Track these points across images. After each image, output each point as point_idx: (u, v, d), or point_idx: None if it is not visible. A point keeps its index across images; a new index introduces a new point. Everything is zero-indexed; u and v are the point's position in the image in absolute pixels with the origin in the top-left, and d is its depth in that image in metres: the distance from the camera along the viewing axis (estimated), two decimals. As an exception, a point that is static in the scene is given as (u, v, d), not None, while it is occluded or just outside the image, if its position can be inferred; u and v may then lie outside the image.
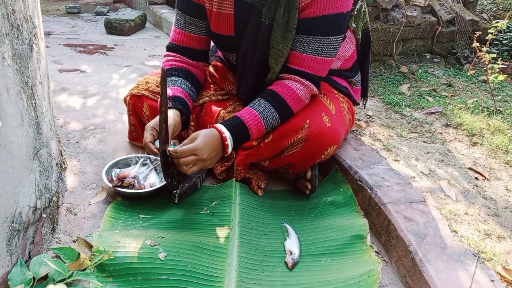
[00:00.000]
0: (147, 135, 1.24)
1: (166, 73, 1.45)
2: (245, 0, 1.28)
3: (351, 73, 1.61)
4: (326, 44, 1.29)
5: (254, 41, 1.35)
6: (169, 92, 1.36)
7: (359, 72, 1.67)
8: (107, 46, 3.34)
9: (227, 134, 1.24)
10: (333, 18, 1.26)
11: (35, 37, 1.11)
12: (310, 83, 1.33)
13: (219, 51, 1.66)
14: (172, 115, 1.29)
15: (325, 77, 1.41)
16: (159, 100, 1.31)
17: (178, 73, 1.44)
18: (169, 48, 1.50)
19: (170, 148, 1.19)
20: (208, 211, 1.35)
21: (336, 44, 1.32)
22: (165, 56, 1.51)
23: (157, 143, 1.25)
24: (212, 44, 1.60)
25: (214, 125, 1.26)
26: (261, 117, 1.29)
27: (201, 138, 1.20)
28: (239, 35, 1.39)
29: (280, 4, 1.26)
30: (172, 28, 1.49)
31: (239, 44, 1.41)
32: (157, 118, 1.28)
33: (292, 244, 1.24)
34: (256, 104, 1.31)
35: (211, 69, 1.62)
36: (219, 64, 1.64)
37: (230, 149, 1.26)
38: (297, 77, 1.33)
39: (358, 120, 2.07)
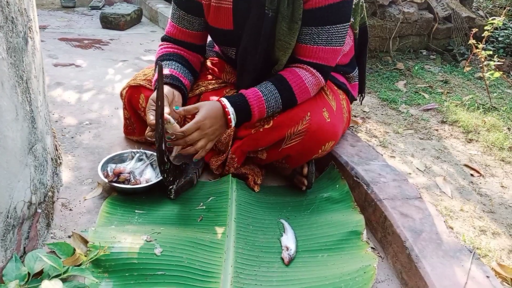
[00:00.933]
0: (150, 116, 1.22)
1: (158, 59, 1.45)
2: None
3: (349, 68, 1.61)
4: (334, 33, 1.30)
5: (256, 34, 1.34)
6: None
7: (357, 68, 1.67)
8: (102, 40, 3.32)
9: (230, 109, 1.26)
10: (338, 6, 1.27)
11: (30, 31, 1.10)
12: (319, 74, 1.35)
13: (216, 46, 1.65)
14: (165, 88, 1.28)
15: None
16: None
17: (169, 57, 1.44)
18: (164, 39, 1.52)
19: (175, 127, 1.18)
20: (204, 207, 1.34)
21: (344, 32, 1.33)
22: (160, 45, 1.52)
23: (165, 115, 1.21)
24: (209, 39, 1.59)
25: (219, 99, 1.28)
26: (264, 99, 1.30)
27: (204, 111, 1.22)
28: (239, 29, 1.38)
29: None
30: (168, 21, 1.49)
31: (239, 38, 1.40)
32: (155, 94, 1.25)
33: (288, 240, 1.24)
34: (263, 86, 1.32)
35: (208, 63, 1.61)
36: (216, 58, 1.63)
37: (233, 124, 1.27)
38: (308, 67, 1.35)
39: (355, 116, 2.07)
